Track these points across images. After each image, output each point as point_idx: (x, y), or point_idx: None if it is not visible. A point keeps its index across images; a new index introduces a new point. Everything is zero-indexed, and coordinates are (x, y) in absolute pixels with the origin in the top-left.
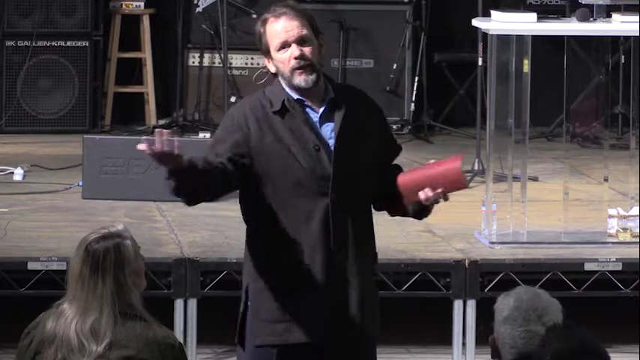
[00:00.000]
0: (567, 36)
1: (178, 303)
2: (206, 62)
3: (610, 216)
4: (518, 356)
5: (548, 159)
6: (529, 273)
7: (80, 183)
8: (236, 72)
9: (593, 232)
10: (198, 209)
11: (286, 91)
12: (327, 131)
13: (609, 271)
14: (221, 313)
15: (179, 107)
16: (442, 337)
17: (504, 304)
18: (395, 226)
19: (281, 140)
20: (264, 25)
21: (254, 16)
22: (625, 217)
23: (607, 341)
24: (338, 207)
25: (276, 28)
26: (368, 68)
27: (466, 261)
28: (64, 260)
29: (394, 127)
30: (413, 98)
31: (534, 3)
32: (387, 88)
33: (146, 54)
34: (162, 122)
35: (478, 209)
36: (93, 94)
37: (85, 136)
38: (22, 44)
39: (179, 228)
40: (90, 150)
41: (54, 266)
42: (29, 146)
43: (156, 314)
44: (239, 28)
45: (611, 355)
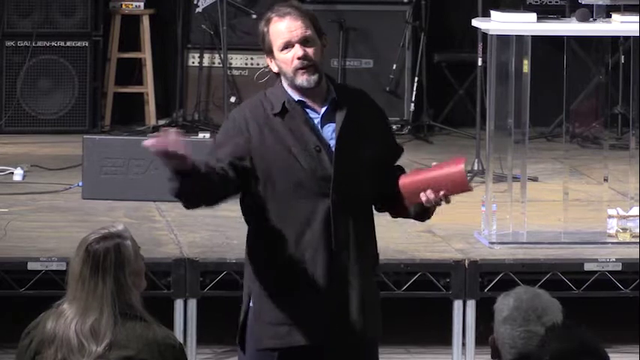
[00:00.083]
0: (567, 36)
1: (178, 303)
2: (206, 62)
3: (610, 216)
4: (518, 356)
5: (547, 159)
6: (529, 273)
7: (80, 183)
8: (236, 72)
9: (592, 233)
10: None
11: (287, 93)
12: (329, 132)
13: (609, 272)
14: (221, 314)
15: (179, 107)
16: (442, 338)
17: (504, 304)
18: (395, 227)
19: (282, 142)
20: (267, 25)
21: (254, 17)
22: (625, 218)
23: (607, 341)
24: (339, 208)
25: (279, 28)
26: (367, 68)
27: (466, 261)
28: (64, 260)
29: (394, 127)
30: (413, 98)
31: (534, 3)
32: (387, 89)
33: (146, 54)
34: (162, 122)
35: (478, 209)
36: (93, 95)
37: (85, 137)
38: (22, 44)
39: (179, 228)
40: (90, 150)
41: (54, 266)
42: (29, 146)
43: (155, 314)
44: (239, 29)
45: (611, 355)
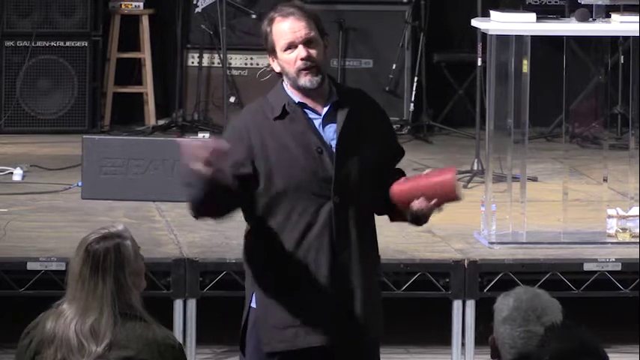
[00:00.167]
0: (566, 36)
1: (178, 303)
2: (205, 62)
3: (609, 216)
4: (517, 356)
5: (547, 159)
6: (528, 273)
7: (79, 183)
8: (235, 72)
9: (592, 233)
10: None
11: (288, 95)
12: (330, 132)
13: (608, 272)
14: (220, 314)
15: (178, 107)
16: (441, 338)
17: (504, 304)
18: (395, 227)
19: (283, 145)
20: (270, 24)
21: (253, 17)
22: (624, 218)
23: (606, 341)
24: (341, 209)
25: (283, 28)
26: (367, 68)
27: (465, 261)
28: (64, 260)
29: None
30: (412, 98)
31: (533, 3)
32: (387, 89)
33: (145, 54)
34: (161, 122)
35: (477, 209)
36: (92, 95)
37: (85, 137)
38: (22, 44)
39: (178, 228)
40: (89, 150)
41: (53, 266)
42: (28, 146)
43: (155, 314)
44: (238, 29)
45: (611, 356)
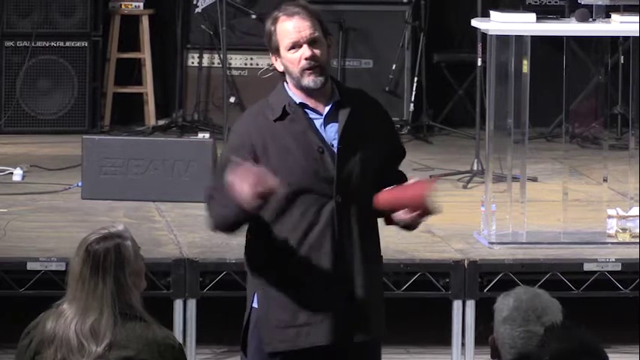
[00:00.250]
0: (566, 36)
1: (177, 303)
2: (205, 62)
3: (609, 216)
4: (517, 356)
5: (547, 159)
6: (528, 273)
7: (79, 183)
8: (235, 72)
9: (592, 233)
10: (197, 210)
11: (289, 95)
12: (332, 132)
13: (608, 272)
14: (220, 314)
15: (178, 107)
16: (441, 338)
17: (504, 304)
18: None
19: (284, 146)
20: (274, 24)
21: (253, 17)
22: (624, 218)
23: (606, 341)
24: (343, 208)
25: (287, 28)
26: (367, 68)
27: (465, 261)
28: (64, 260)
29: None
30: (412, 98)
31: (533, 3)
32: (387, 89)
33: (145, 54)
34: (161, 122)
35: (477, 209)
36: (92, 95)
37: (85, 137)
38: (22, 44)
39: (178, 228)
40: (89, 150)
41: (53, 266)
42: (28, 146)
43: (155, 315)
44: (238, 29)
45: (611, 356)
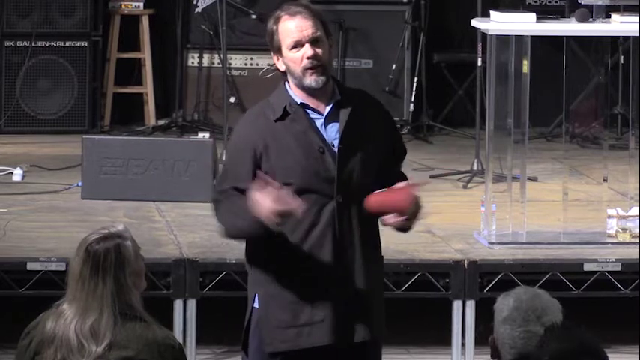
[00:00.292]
0: (566, 36)
1: (177, 303)
2: (205, 62)
3: (609, 216)
4: (517, 356)
5: (547, 159)
6: (528, 273)
7: (79, 183)
8: (235, 72)
9: (592, 233)
10: (197, 210)
11: (290, 95)
12: (333, 132)
13: (608, 272)
14: (220, 314)
15: (178, 108)
16: (441, 338)
17: (504, 304)
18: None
19: (285, 147)
20: (277, 23)
21: (253, 17)
22: (624, 218)
23: (606, 341)
24: (344, 208)
25: (289, 27)
26: (367, 68)
27: (465, 261)
28: (64, 260)
29: None
30: (412, 98)
31: (533, 3)
32: (387, 89)
33: (145, 54)
34: (161, 122)
35: (477, 209)
36: (92, 95)
37: (85, 137)
38: (22, 44)
39: (178, 228)
40: (89, 150)
41: (53, 267)
42: (28, 146)
43: (155, 315)
44: (238, 29)
45: (611, 356)
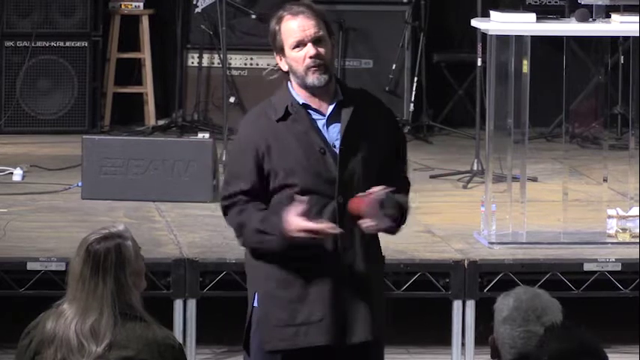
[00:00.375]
0: (566, 36)
1: (177, 303)
2: (205, 62)
3: (609, 216)
4: (517, 356)
5: (547, 159)
6: (528, 273)
7: (79, 183)
8: (235, 72)
9: (592, 233)
10: (197, 210)
11: (292, 96)
12: (334, 133)
13: (608, 272)
14: (220, 314)
15: (178, 108)
16: (441, 338)
17: (504, 304)
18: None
19: (286, 147)
20: (279, 23)
21: (253, 17)
22: (624, 218)
23: (606, 342)
24: (345, 209)
25: (292, 26)
26: (367, 68)
27: (465, 261)
28: (64, 261)
29: None
30: (412, 98)
31: (533, 3)
32: (387, 89)
33: (145, 54)
34: (161, 122)
35: (477, 209)
36: (92, 95)
37: (85, 137)
38: (22, 45)
39: (178, 228)
40: (89, 150)
41: (53, 267)
42: (28, 147)
43: (155, 315)
44: (238, 29)
45: (611, 356)
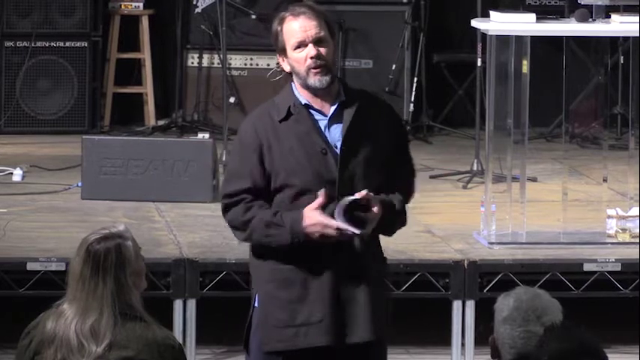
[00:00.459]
0: (566, 36)
1: (177, 303)
2: (205, 63)
3: (609, 216)
4: (517, 356)
5: (547, 159)
6: (528, 273)
7: (79, 183)
8: (235, 72)
9: (592, 233)
10: (197, 210)
11: (295, 96)
12: (336, 133)
13: (608, 272)
14: (220, 314)
15: (178, 108)
16: (441, 338)
17: (504, 305)
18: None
19: (288, 147)
20: (281, 24)
21: (253, 17)
22: (624, 218)
23: (606, 342)
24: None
25: (293, 27)
26: (367, 69)
27: (465, 261)
28: (63, 261)
29: None
30: (412, 99)
31: (533, 3)
32: (386, 89)
33: (145, 54)
34: (161, 123)
35: (477, 210)
36: (92, 95)
37: (84, 137)
38: (21, 45)
39: (178, 228)
40: (89, 150)
41: (53, 267)
42: (28, 147)
43: (155, 315)
44: (238, 29)
45: (610, 356)
